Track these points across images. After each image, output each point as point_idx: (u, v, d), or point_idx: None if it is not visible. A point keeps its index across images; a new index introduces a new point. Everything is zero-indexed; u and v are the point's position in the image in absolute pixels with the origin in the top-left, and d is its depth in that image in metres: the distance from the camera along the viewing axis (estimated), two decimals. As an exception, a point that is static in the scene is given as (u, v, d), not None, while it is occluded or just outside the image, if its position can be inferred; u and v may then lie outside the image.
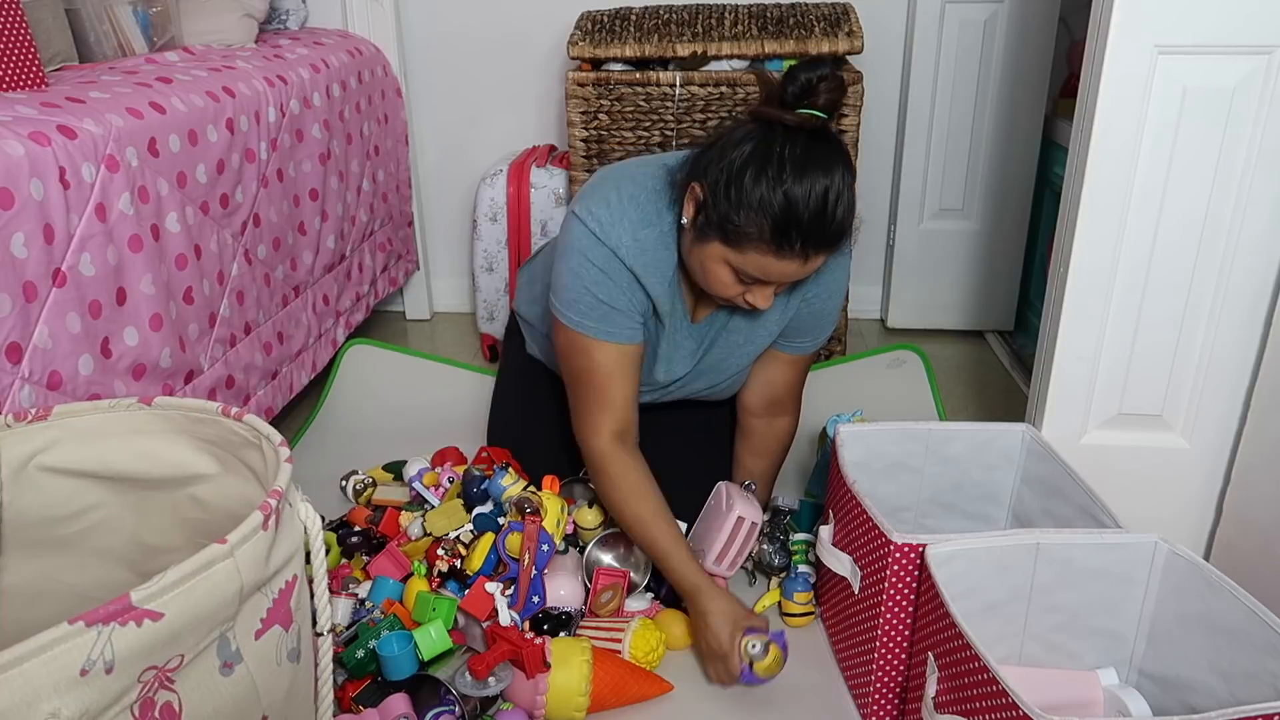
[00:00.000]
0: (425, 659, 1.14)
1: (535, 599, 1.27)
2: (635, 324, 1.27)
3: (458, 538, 1.34)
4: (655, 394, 1.43)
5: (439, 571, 1.31)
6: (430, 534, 1.38)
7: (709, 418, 1.53)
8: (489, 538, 1.30)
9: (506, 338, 1.74)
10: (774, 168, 1.08)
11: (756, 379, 1.43)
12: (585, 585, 1.32)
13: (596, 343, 1.25)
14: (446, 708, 1.12)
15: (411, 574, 1.33)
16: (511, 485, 1.38)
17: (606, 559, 1.37)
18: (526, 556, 1.25)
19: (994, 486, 1.36)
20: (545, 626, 1.24)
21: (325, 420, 1.91)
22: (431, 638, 1.14)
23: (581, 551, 1.37)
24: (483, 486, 1.42)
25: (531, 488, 1.39)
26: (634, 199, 1.23)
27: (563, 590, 1.29)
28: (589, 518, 1.38)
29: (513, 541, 1.28)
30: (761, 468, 1.47)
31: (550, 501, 1.32)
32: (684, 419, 1.52)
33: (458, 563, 1.31)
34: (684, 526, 1.41)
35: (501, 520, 1.35)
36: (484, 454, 1.63)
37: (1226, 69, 1.20)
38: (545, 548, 1.27)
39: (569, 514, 1.37)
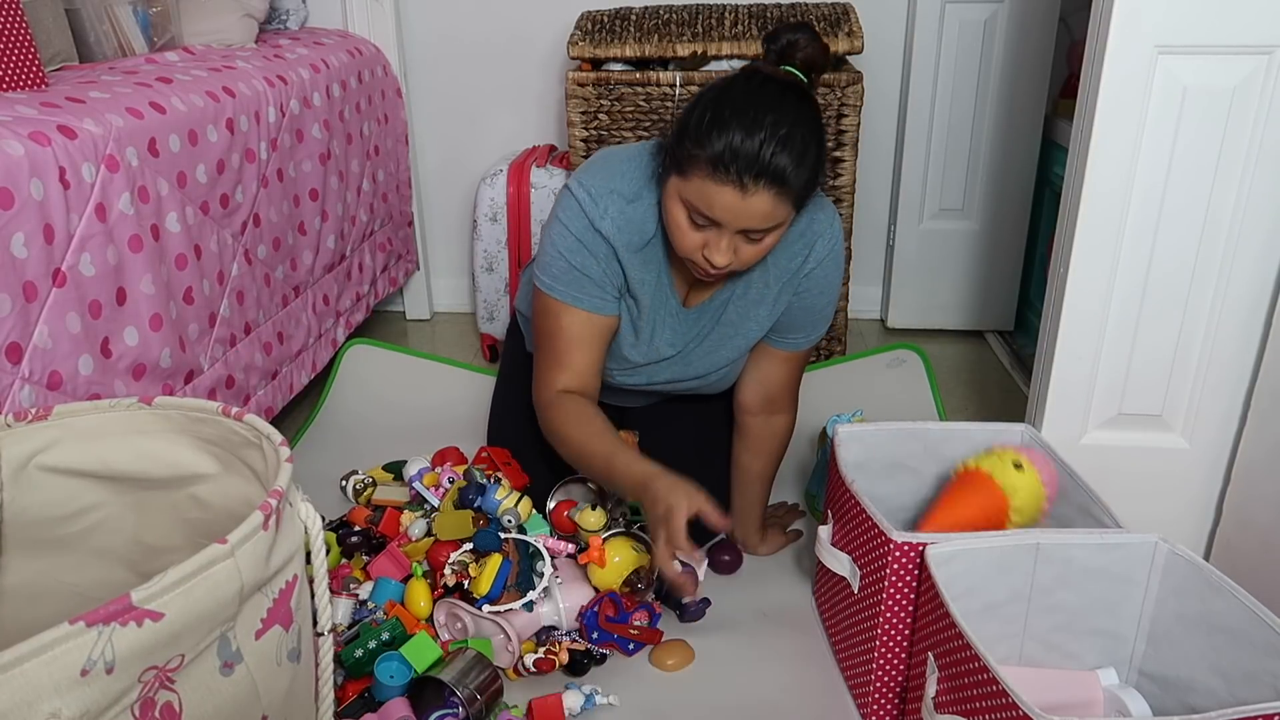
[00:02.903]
0: (420, 672, 1.15)
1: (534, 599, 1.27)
2: (607, 295, 1.27)
3: (463, 557, 1.32)
4: (640, 379, 1.42)
5: (445, 585, 1.30)
6: (436, 536, 1.38)
7: (705, 412, 1.53)
8: (496, 559, 1.28)
9: (508, 337, 1.74)
10: (727, 97, 1.11)
11: (751, 376, 1.43)
12: (594, 590, 1.31)
13: (564, 307, 1.26)
14: (450, 710, 1.12)
15: (412, 575, 1.33)
16: (505, 498, 1.37)
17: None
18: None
19: (994, 486, 1.36)
20: (584, 660, 1.24)
21: (325, 420, 1.91)
22: (421, 651, 1.16)
23: (581, 551, 1.36)
24: (477, 505, 1.41)
25: (525, 500, 1.39)
26: (625, 174, 1.25)
27: (575, 600, 1.28)
28: (591, 519, 1.37)
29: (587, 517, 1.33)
30: (760, 467, 1.47)
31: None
32: (680, 414, 1.52)
33: (465, 583, 1.30)
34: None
35: (503, 535, 1.34)
36: (484, 454, 1.63)
37: (1226, 69, 1.20)
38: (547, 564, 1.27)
39: (569, 514, 1.38)
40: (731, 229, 1.13)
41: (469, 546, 1.33)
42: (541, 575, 1.27)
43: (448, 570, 1.30)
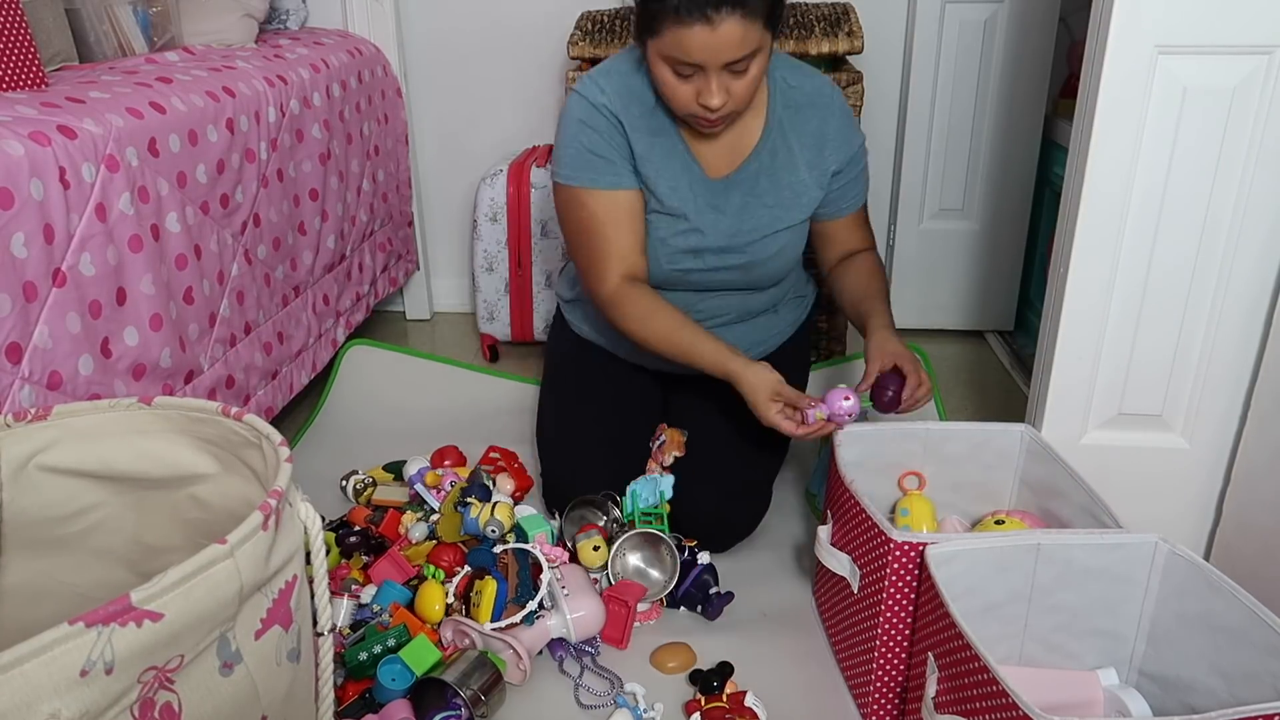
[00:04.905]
0: (420, 674, 1.15)
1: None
2: (622, 170, 1.34)
3: (460, 580, 1.31)
4: (689, 264, 1.42)
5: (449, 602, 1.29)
6: (440, 538, 1.38)
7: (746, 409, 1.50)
8: (492, 588, 1.26)
9: (551, 334, 1.74)
10: None
11: (825, 249, 1.52)
12: (599, 600, 1.31)
13: (588, 192, 1.33)
14: (452, 711, 1.12)
15: (413, 577, 1.33)
16: (480, 513, 1.35)
17: (634, 560, 1.37)
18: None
19: (993, 486, 1.36)
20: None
21: (325, 420, 1.91)
22: (420, 654, 1.16)
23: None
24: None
25: (502, 505, 1.37)
26: (619, 58, 1.36)
27: (582, 611, 1.27)
28: (592, 558, 1.36)
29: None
30: (875, 286, 1.46)
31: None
32: (723, 409, 1.48)
33: (464, 604, 1.29)
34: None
35: (501, 548, 1.33)
36: (490, 454, 1.63)
37: (1226, 69, 1.20)
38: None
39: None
40: (714, 67, 1.19)
41: (465, 570, 1.32)
42: (546, 584, 1.27)
43: (451, 596, 1.28)
